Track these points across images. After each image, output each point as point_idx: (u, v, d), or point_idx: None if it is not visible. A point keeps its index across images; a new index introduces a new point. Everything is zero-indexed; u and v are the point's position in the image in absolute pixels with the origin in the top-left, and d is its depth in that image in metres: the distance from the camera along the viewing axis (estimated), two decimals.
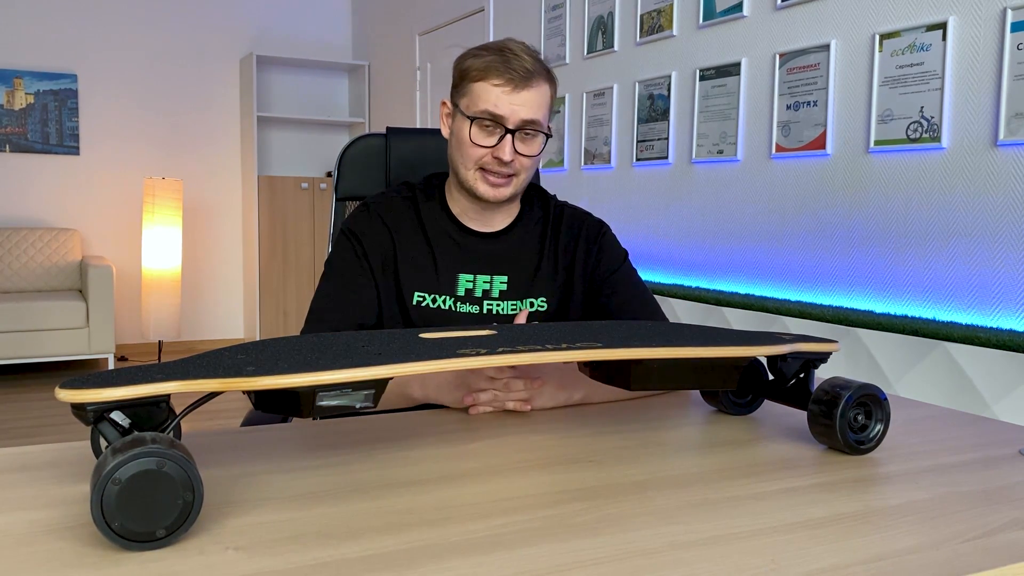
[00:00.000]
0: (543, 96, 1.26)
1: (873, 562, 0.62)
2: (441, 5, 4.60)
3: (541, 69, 1.26)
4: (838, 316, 2.28)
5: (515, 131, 1.24)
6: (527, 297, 1.32)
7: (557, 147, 3.53)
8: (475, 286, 1.31)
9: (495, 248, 1.33)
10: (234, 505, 0.71)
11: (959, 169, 2.01)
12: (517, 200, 1.36)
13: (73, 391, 0.64)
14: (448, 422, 1.01)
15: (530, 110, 1.24)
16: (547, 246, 1.36)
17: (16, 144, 4.96)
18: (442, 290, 1.30)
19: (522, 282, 1.33)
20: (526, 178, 1.30)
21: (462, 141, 1.26)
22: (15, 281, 4.80)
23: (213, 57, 5.43)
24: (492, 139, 1.24)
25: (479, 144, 1.25)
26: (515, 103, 1.23)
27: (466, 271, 1.31)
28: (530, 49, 1.27)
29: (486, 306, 1.31)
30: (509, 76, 1.23)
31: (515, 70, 1.23)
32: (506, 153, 1.23)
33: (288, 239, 5.40)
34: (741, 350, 0.89)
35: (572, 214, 1.40)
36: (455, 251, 1.32)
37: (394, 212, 1.33)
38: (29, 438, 3.55)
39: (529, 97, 1.24)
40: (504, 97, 1.22)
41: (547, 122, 1.29)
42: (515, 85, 1.23)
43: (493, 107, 1.23)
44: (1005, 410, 1.84)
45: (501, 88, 1.23)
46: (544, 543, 0.64)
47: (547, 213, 1.39)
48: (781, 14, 2.49)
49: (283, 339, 0.84)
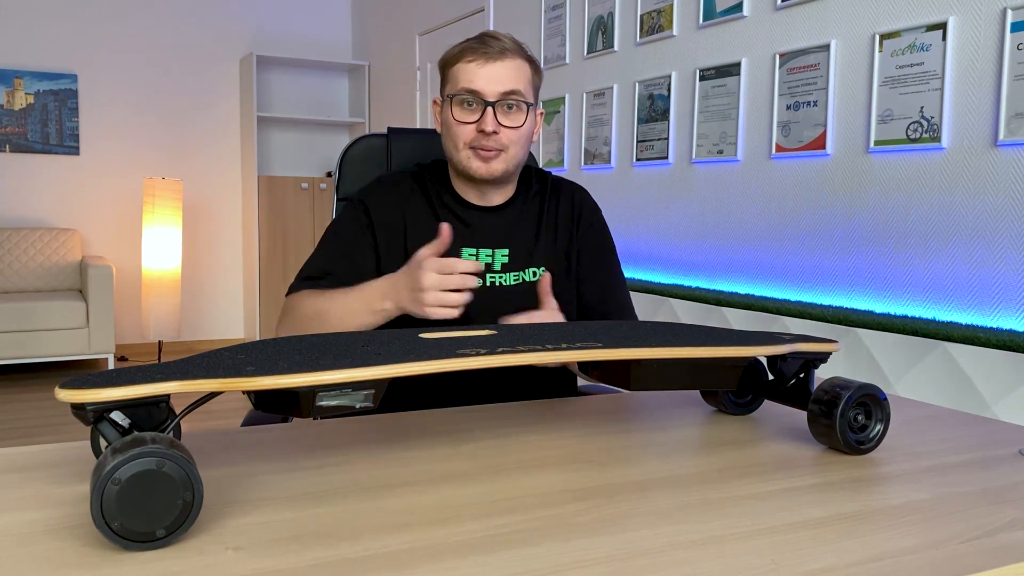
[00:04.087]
0: (520, 70, 1.29)
1: (873, 562, 0.62)
2: (441, 5, 4.60)
3: (518, 48, 1.30)
4: (838, 316, 2.28)
5: (495, 103, 1.26)
6: (528, 267, 1.36)
7: (557, 147, 3.53)
8: (477, 259, 1.34)
9: (496, 222, 1.36)
10: (234, 505, 0.71)
11: (959, 169, 2.01)
12: (514, 179, 1.39)
13: (73, 391, 0.64)
14: (448, 422, 1.01)
15: (506, 81, 1.27)
16: (545, 217, 1.39)
17: (16, 144, 4.96)
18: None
19: (522, 254, 1.36)
20: (517, 153, 1.32)
21: (448, 124, 1.30)
22: (15, 281, 4.80)
23: (213, 57, 5.43)
24: (474, 115, 1.28)
25: (461, 121, 1.28)
26: (490, 75, 1.26)
27: (469, 245, 1.34)
28: (511, 36, 1.31)
29: (488, 279, 1.34)
30: (483, 51, 1.27)
31: (489, 46, 1.27)
32: (488, 124, 1.26)
33: (288, 239, 5.40)
34: (741, 350, 0.89)
35: (569, 186, 1.45)
36: (459, 226, 1.35)
37: (405, 188, 1.37)
38: (29, 438, 3.55)
39: (504, 68, 1.27)
40: (479, 71, 1.26)
41: (532, 99, 1.32)
42: (489, 57, 1.27)
43: (468, 83, 1.26)
44: (1005, 410, 1.84)
45: (475, 63, 1.26)
46: (544, 543, 0.64)
47: (544, 186, 1.42)
48: (781, 14, 2.49)
49: (283, 339, 0.84)
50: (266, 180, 5.32)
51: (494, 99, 1.26)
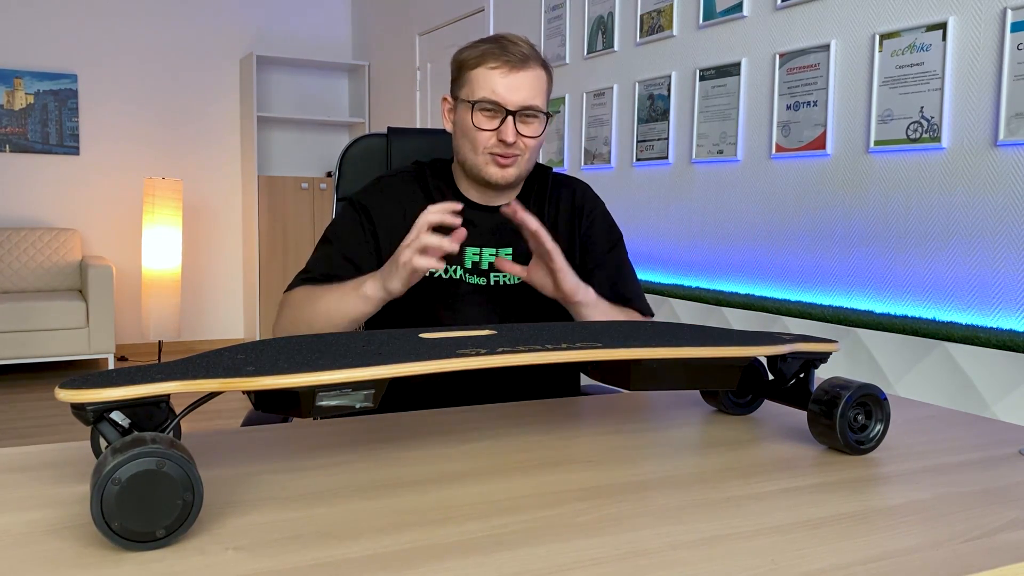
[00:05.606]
0: (539, 80, 1.30)
1: (873, 562, 0.62)
2: (441, 5, 4.60)
3: (536, 55, 1.31)
4: (838, 316, 2.28)
5: (515, 113, 1.27)
6: None
7: (557, 147, 3.53)
8: (481, 258, 1.34)
9: (500, 221, 1.37)
10: (234, 505, 0.71)
11: (959, 169, 2.01)
12: (522, 182, 1.40)
13: (73, 391, 0.64)
14: (448, 422, 1.01)
15: (528, 93, 1.28)
16: (547, 214, 1.40)
17: (16, 144, 4.96)
18: (451, 262, 1.34)
19: (526, 252, 1.35)
20: (530, 158, 1.34)
21: (467, 129, 1.30)
22: (15, 281, 4.80)
23: (213, 57, 5.43)
24: (494, 123, 1.28)
25: (482, 128, 1.28)
26: (512, 85, 1.27)
27: (473, 244, 1.35)
28: (526, 40, 1.32)
29: (492, 278, 1.34)
30: (505, 59, 1.27)
31: (511, 53, 1.27)
32: (509, 135, 1.27)
33: (288, 239, 5.40)
34: (741, 350, 0.89)
35: (572, 182, 1.45)
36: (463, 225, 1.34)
37: (405, 188, 1.37)
38: (29, 438, 3.55)
39: (526, 79, 1.28)
40: (501, 80, 1.26)
41: (546, 107, 1.33)
42: (511, 67, 1.27)
43: (491, 92, 1.27)
44: (1005, 410, 1.84)
45: (498, 71, 1.27)
46: (544, 543, 0.64)
47: (545, 184, 1.43)
48: (781, 14, 2.49)
49: (283, 339, 0.84)
50: (266, 180, 5.32)
51: (515, 109, 1.27)
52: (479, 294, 1.34)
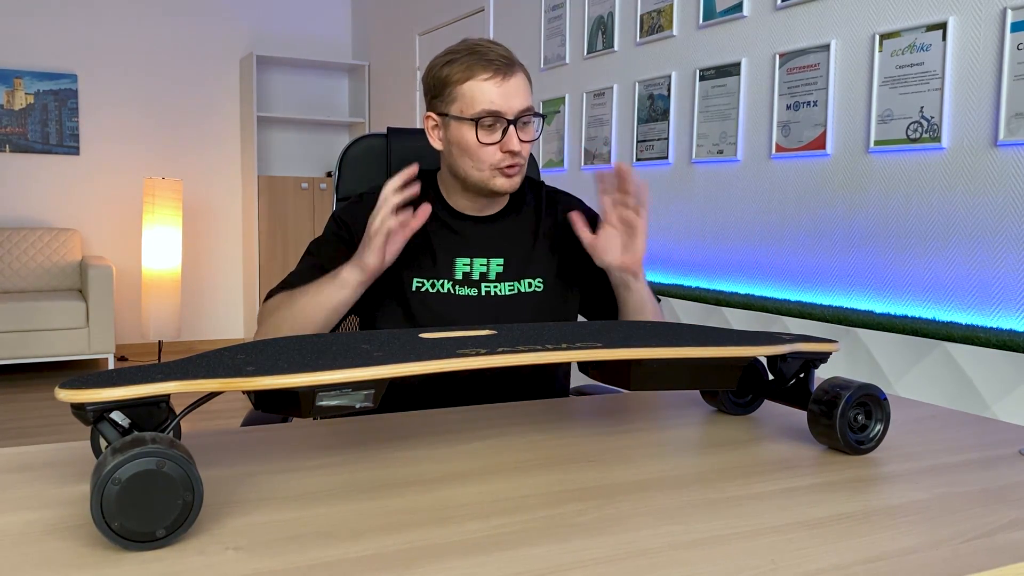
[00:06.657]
0: (526, 81, 1.30)
1: (873, 562, 0.62)
2: (441, 5, 4.60)
3: (513, 55, 1.31)
4: (838, 316, 2.28)
5: (515, 121, 1.27)
6: (523, 278, 1.35)
7: (557, 147, 3.53)
8: (472, 269, 1.33)
9: (490, 231, 1.36)
10: (234, 505, 0.71)
11: (959, 169, 2.01)
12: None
13: (73, 391, 0.64)
14: (448, 422, 1.01)
15: (521, 98, 1.27)
16: (541, 228, 1.39)
17: (16, 144, 4.96)
18: (440, 275, 1.32)
19: (518, 263, 1.35)
20: (527, 162, 1.34)
21: (467, 146, 1.27)
22: (15, 281, 4.80)
23: (213, 57, 5.43)
24: (495, 135, 1.27)
25: (485, 143, 1.27)
26: (508, 93, 1.26)
27: (463, 255, 1.33)
28: (494, 41, 1.31)
29: (483, 288, 1.33)
30: (495, 67, 1.25)
31: (495, 60, 1.26)
32: (515, 144, 1.26)
33: (288, 239, 5.40)
34: (741, 350, 0.89)
35: (565, 197, 1.45)
36: (451, 236, 1.34)
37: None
38: (29, 438, 3.55)
39: (517, 84, 1.27)
40: (496, 90, 1.25)
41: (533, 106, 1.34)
42: (503, 74, 1.26)
43: (490, 104, 1.25)
44: (1005, 410, 1.84)
45: (491, 81, 1.25)
46: (544, 543, 0.64)
47: (539, 197, 1.42)
48: (781, 14, 2.49)
49: (283, 339, 0.84)
50: (266, 180, 5.32)
51: (514, 117, 1.26)
52: (471, 305, 1.32)
